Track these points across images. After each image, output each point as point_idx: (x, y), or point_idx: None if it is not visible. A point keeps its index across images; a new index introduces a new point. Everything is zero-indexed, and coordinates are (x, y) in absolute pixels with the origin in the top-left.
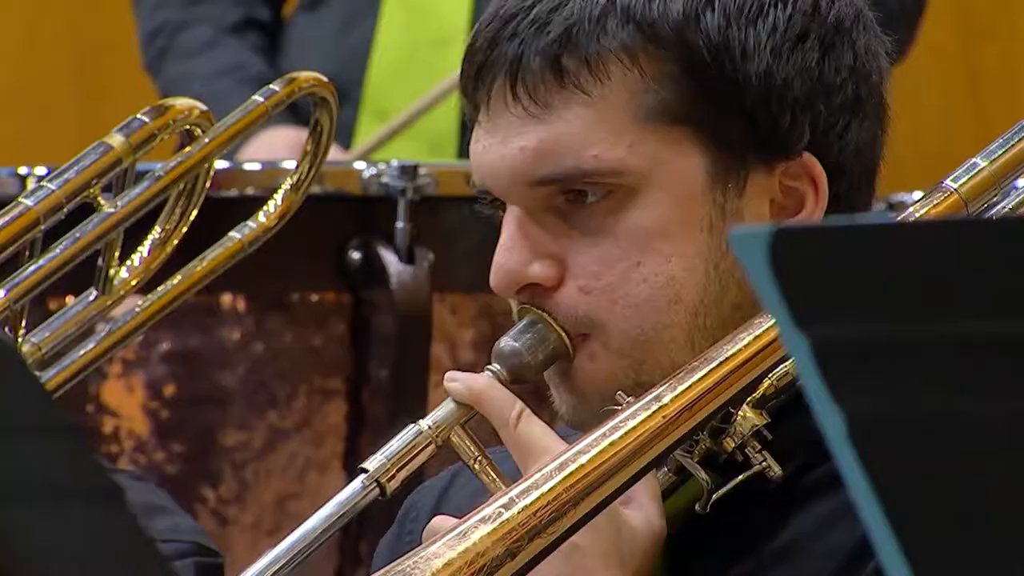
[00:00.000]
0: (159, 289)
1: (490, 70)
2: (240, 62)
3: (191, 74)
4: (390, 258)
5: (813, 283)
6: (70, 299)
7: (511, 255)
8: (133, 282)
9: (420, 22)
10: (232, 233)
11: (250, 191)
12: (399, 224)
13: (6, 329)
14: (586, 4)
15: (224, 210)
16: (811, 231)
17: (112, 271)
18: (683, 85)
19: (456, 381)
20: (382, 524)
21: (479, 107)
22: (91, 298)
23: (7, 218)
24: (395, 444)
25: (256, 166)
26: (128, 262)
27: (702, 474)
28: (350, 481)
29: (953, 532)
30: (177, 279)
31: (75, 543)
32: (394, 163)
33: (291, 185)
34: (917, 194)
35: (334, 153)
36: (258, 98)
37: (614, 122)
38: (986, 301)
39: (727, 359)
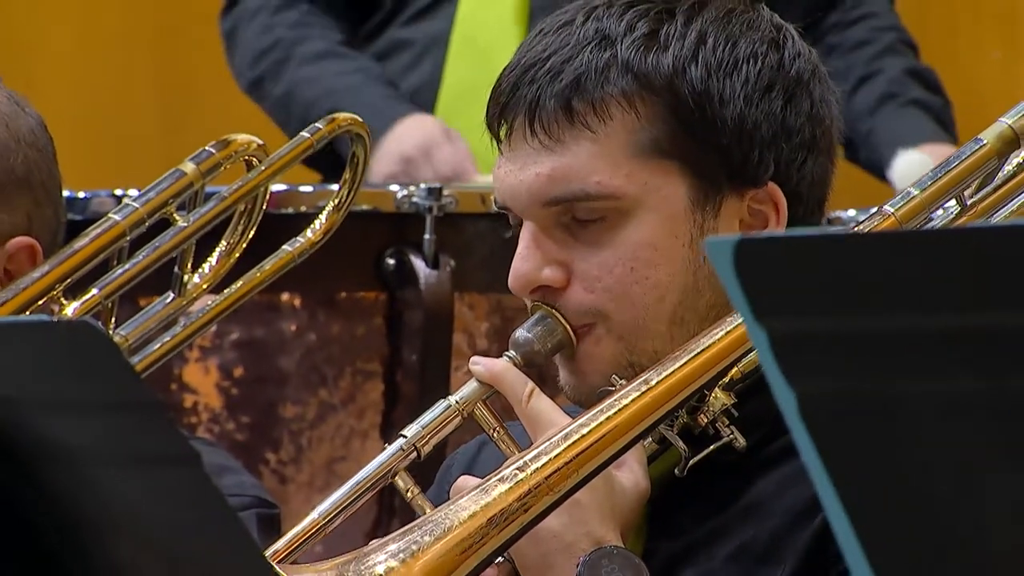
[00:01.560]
0: (227, 290)
1: (512, 109)
2: (365, 65)
3: (319, 75)
4: (419, 264)
5: (771, 283)
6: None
7: (526, 262)
8: (204, 285)
9: (481, 62)
10: (285, 246)
11: (301, 209)
12: (426, 236)
13: (99, 322)
14: (593, 57)
15: (279, 226)
16: (770, 240)
17: (186, 276)
18: (671, 125)
19: (479, 364)
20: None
21: (502, 140)
22: (169, 299)
23: (99, 230)
24: (428, 416)
25: (308, 188)
26: (200, 269)
27: (680, 444)
28: (386, 446)
29: (889, 492)
30: (241, 283)
31: (160, 499)
32: (423, 186)
33: (334, 206)
34: (851, 211)
35: None
36: (305, 134)
37: (614, 155)
38: (910, 299)
39: (703, 350)
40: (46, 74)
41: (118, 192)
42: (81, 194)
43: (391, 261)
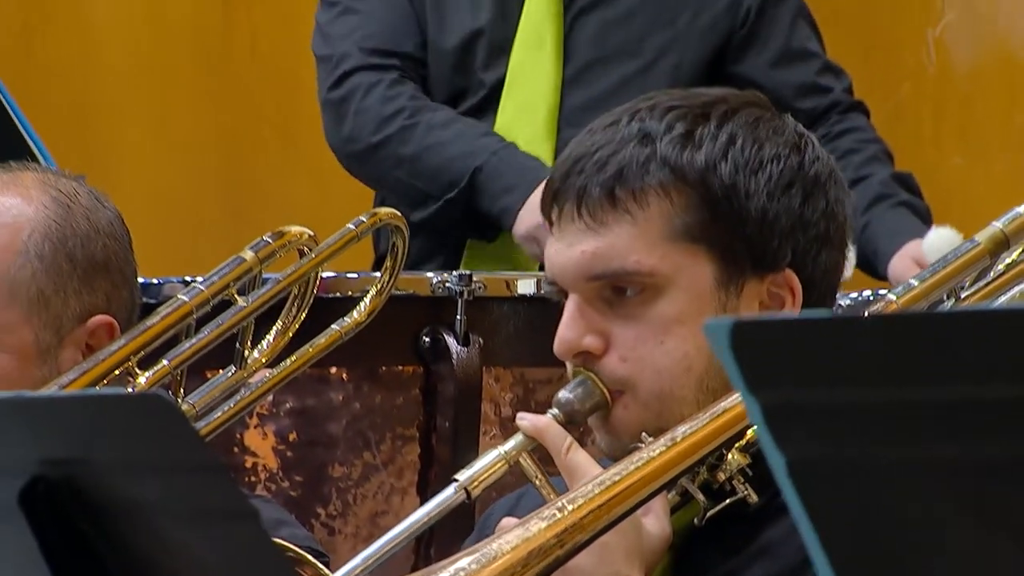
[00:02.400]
0: (282, 364)
1: (563, 195)
2: (490, 130)
3: (452, 139)
4: (451, 342)
5: (761, 360)
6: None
7: (570, 330)
8: (262, 360)
9: (525, 117)
10: (334, 325)
11: (348, 293)
12: (458, 317)
13: (168, 392)
14: (635, 152)
15: (328, 307)
16: (761, 323)
17: (246, 351)
18: (702, 214)
19: (525, 420)
20: (448, 535)
21: (553, 222)
22: (231, 372)
23: (169, 309)
24: (480, 463)
25: (354, 275)
26: (259, 345)
27: (700, 497)
28: (422, 502)
29: (870, 547)
30: (294, 358)
31: (223, 550)
32: (454, 273)
33: (376, 290)
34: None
35: None
36: (350, 226)
37: (651, 238)
38: (888, 374)
39: (721, 414)
40: (123, 173)
41: (187, 278)
42: (154, 280)
43: (427, 339)
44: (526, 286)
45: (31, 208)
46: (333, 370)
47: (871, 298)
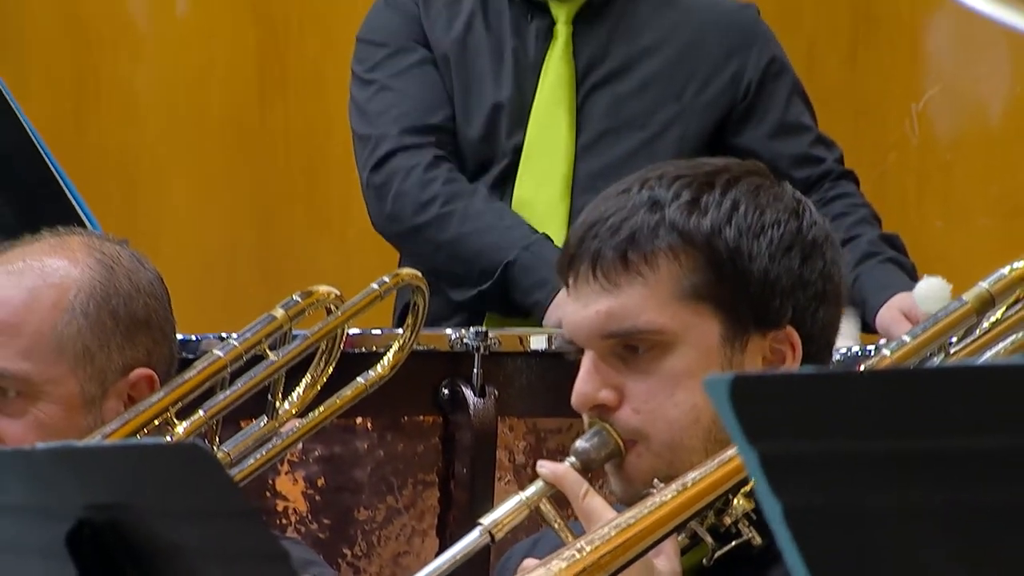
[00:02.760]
0: (311, 415)
1: (579, 259)
2: (520, 221)
3: (482, 230)
4: (469, 393)
5: (759, 413)
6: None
7: (586, 384)
8: (292, 410)
9: (542, 185)
10: (359, 378)
11: (372, 348)
12: (475, 370)
13: (205, 440)
14: (646, 217)
15: (354, 362)
16: (757, 378)
17: (278, 403)
18: (708, 275)
19: (545, 468)
20: None
21: (570, 284)
22: (263, 422)
23: (206, 363)
24: (503, 508)
25: (377, 331)
26: (289, 396)
27: (708, 539)
28: (442, 544)
29: None
30: (322, 408)
31: None
32: (472, 330)
33: (399, 346)
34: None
35: None
36: (374, 285)
37: (660, 298)
38: (878, 426)
39: (728, 461)
40: (165, 238)
41: (223, 334)
42: (192, 336)
43: (446, 391)
44: (538, 342)
45: (77, 269)
46: (358, 420)
47: (866, 352)
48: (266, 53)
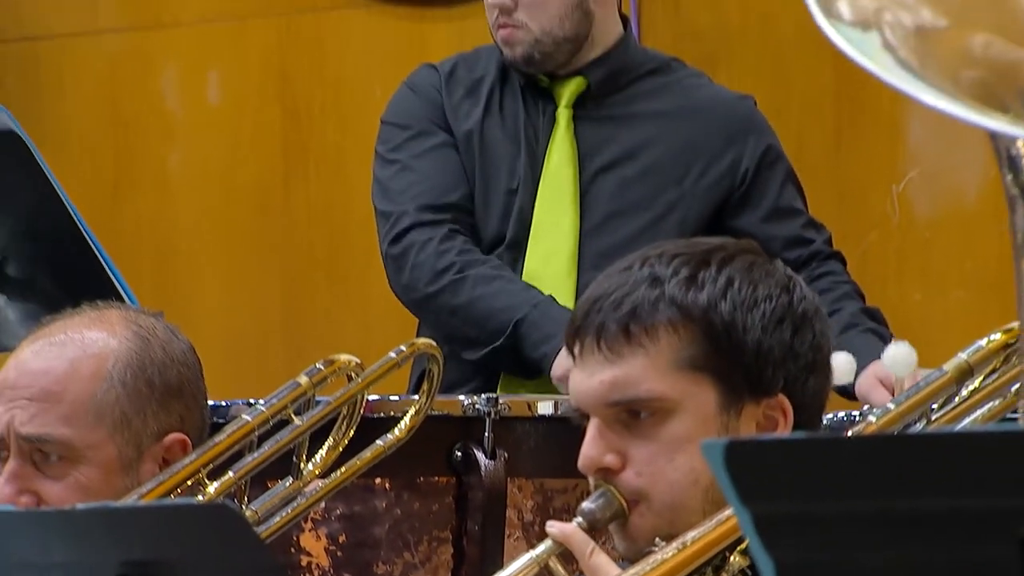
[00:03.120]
0: (333, 475)
1: (584, 331)
2: (528, 286)
3: (493, 293)
4: (480, 456)
5: (752, 476)
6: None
7: (592, 449)
8: (316, 472)
9: (549, 262)
10: (378, 441)
11: (390, 413)
12: (486, 434)
13: (234, 500)
14: (646, 293)
15: (373, 426)
16: (750, 443)
17: (302, 464)
18: (705, 347)
19: (554, 527)
20: None
21: (576, 354)
22: (288, 482)
23: (235, 427)
24: (515, 565)
25: (395, 397)
26: (313, 458)
27: None
28: None
29: None
30: (344, 469)
31: None
32: (483, 396)
33: (415, 411)
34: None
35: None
36: (391, 354)
37: (661, 368)
38: (860, 488)
39: (725, 521)
40: (197, 310)
41: (250, 400)
42: (222, 402)
43: (459, 453)
44: (545, 407)
45: (115, 341)
46: (377, 480)
47: (852, 418)
48: (290, 136)
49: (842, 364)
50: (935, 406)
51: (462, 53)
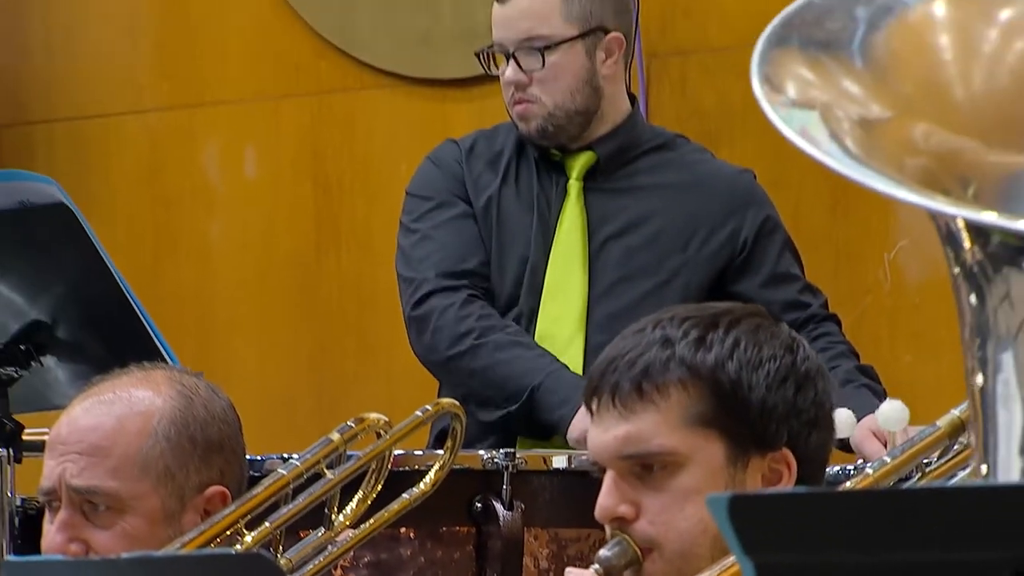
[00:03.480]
0: (362, 526)
1: (600, 389)
2: (544, 352)
3: (510, 359)
4: (499, 507)
5: (753, 528)
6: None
7: (608, 499)
8: (346, 522)
9: (559, 325)
10: (404, 494)
11: (416, 467)
12: (504, 487)
13: (270, 549)
14: (658, 353)
15: (399, 479)
16: (752, 497)
17: (333, 515)
18: (713, 404)
19: (572, 573)
20: None
21: (593, 411)
22: (320, 532)
23: (271, 480)
24: None
25: (419, 452)
26: (343, 510)
27: None
28: None
29: None
30: (372, 521)
31: None
32: (502, 451)
33: (439, 465)
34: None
35: None
36: (417, 413)
37: (672, 424)
38: (856, 540)
39: (728, 567)
40: (235, 370)
41: (285, 455)
42: (259, 456)
43: (479, 505)
44: (559, 461)
45: (160, 399)
46: (403, 530)
47: (849, 471)
48: (322, 209)
49: (844, 419)
50: (930, 459)
51: (482, 129)
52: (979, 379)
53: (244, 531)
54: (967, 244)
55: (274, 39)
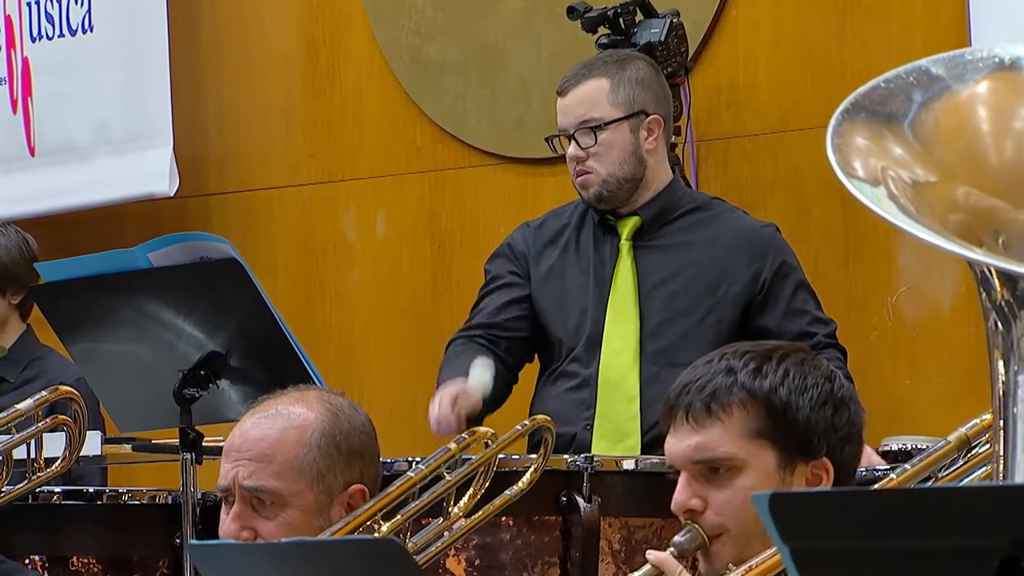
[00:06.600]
0: (473, 516)
1: (676, 408)
2: (477, 350)
3: (455, 355)
4: (580, 500)
5: (791, 519)
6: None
7: (681, 495)
8: (460, 514)
9: (613, 391)
10: (506, 491)
11: (516, 469)
12: (584, 484)
13: (400, 535)
14: (723, 380)
15: (503, 479)
16: (788, 495)
17: (450, 508)
18: (767, 421)
19: (651, 555)
20: None
21: (671, 425)
22: (439, 522)
23: (402, 481)
24: None
25: (517, 457)
26: (458, 503)
27: None
28: None
29: None
30: (481, 512)
31: None
32: (582, 455)
33: (534, 468)
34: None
35: None
36: (518, 427)
37: (733, 435)
38: (888, 529)
39: (775, 553)
40: (369, 389)
41: (410, 459)
42: (389, 460)
43: (564, 498)
44: (629, 464)
45: (313, 415)
46: (504, 519)
47: (876, 474)
48: (437, 262)
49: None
50: (942, 467)
51: (554, 208)
52: (1004, 396)
53: (380, 522)
54: (998, 287)
55: (400, 127)
